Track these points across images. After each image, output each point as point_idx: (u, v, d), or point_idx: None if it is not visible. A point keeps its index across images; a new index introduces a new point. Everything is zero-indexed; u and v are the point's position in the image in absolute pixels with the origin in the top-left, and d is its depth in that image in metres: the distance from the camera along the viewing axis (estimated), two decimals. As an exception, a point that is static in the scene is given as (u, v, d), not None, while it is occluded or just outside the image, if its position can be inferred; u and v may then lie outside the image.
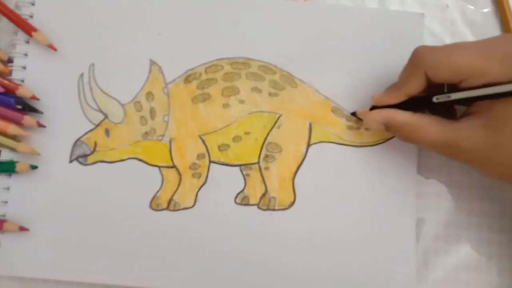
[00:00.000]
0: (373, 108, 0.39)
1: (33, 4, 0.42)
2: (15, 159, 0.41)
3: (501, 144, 0.34)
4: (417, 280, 0.42)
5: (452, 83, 0.35)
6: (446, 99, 0.36)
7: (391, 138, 0.42)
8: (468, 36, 0.45)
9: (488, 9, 0.45)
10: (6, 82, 0.41)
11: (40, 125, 0.41)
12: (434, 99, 0.36)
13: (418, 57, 0.35)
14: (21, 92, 0.41)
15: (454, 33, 0.45)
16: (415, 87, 0.36)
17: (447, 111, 0.38)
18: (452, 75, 0.34)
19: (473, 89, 0.34)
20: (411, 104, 0.37)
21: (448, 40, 0.44)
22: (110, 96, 0.42)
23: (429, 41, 0.44)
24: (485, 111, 0.34)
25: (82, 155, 0.41)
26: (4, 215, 0.41)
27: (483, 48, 0.34)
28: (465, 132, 0.35)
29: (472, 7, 0.45)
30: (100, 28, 0.42)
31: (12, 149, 0.41)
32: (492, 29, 0.45)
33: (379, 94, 0.38)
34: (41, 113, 0.41)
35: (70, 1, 0.43)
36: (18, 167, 0.41)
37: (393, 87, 0.38)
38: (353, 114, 0.42)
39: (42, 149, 0.41)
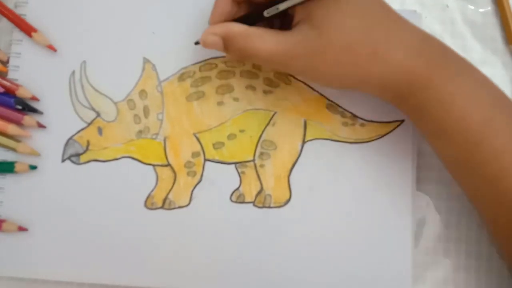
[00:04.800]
0: None
1: (26, 3, 0.43)
2: (9, 159, 0.42)
3: (327, 42, 0.34)
4: (416, 280, 0.41)
5: None
6: (276, 11, 0.36)
7: (386, 134, 0.42)
8: (468, 36, 0.44)
9: (488, 8, 0.45)
10: (5, 82, 0.41)
11: (40, 126, 0.42)
12: (265, 14, 0.36)
13: None
14: (21, 92, 0.41)
15: (454, 33, 0.44)
16: None
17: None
18: None
19: None
20: (250, 23, 0.37)
21: (448, 40, 0.44)
22: (102, 94, 0.42)
23: (429, 41, 0.44)
24: (309, 15, 0.35)
25: (74, 154, 0.41)
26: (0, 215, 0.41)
27: None
28: (296, 38, 0.35)
29: (472, 7, 0.45)
30: (94, 27, 0.43)
31: (12, 149, 0.41)
32: (492, 29, 0.44)
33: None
34: (41, 113, 0.42)
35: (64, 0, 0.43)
36: (17, 167, 0.41)
37: None
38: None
39: (35, 149, 0.42)
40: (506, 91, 0.43)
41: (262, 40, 0.35)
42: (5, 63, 0.43)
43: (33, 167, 0.41)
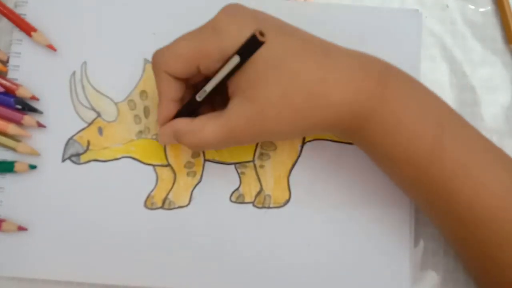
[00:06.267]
0: None
1: (26, 2, 0.43)
2: (9, 159, 0.42)
3: (264, 106, 0.34)
4: (416, 280, 0.41)
5: (195, 73, 0.35)
6: (205, 94, 0.35)
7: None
8: (468, 36, 0.44)
9: (488, 8, 0.45)
10: (5, 82, 0.41)
11: (40, 125, 0.42)
12: (197, 98, 0.35)
13: (154, 61, 0.36)
14: (20, 92, 0.41)
15: (454, 33, 0.44)
16: (170, 90, 0.36)
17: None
18: (185, 66, 0.35)
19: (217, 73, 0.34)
20: (195, 108, 0.36)
21: (448, 40, 0.44)
22: (103, 94, 0.42)
23: (429, 41, 0.44)
24: (237, 87, 0.34)
25: (75, 154, 0.41)
26: (-1, 215, 0.41)
27: (197, 34, 0.35)
28: (234, 114, 0.34)
29: (472, 7, 0.45)
30: (94, 27, 0.43)
31: (12, 149, 0.41)
32: (492, 29, 0.44)
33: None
34: (41, 113, 0.42)
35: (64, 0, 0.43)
36: (17, 167, 0.41)
37: (158, 99, 0.37)
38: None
39: (35, 149, 0.42)
40: (506, 91, 0.43)
41: (205, 132, 0.35)
42: (5, 63, 0.43)
43: (33, 167, 0.41)
